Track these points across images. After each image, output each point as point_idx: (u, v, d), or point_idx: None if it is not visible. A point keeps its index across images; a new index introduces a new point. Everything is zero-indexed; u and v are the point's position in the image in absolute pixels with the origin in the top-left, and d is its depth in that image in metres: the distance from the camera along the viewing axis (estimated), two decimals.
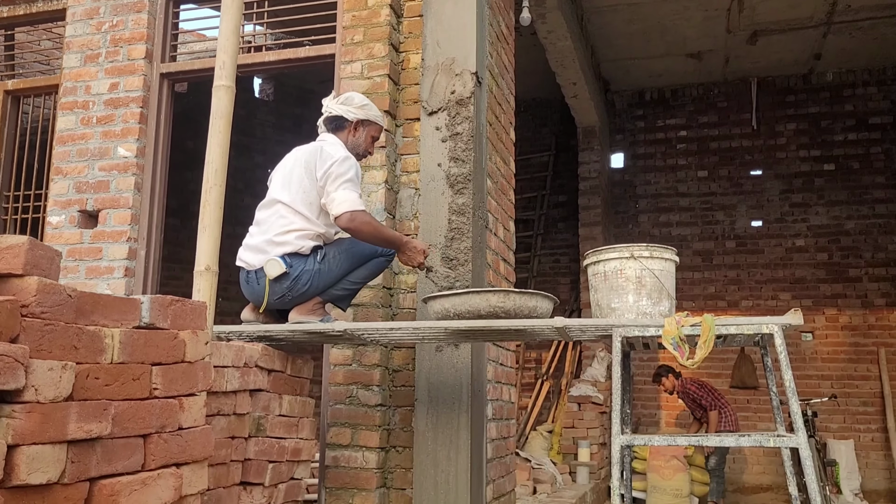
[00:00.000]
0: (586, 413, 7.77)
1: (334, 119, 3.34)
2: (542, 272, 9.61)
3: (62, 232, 4.43)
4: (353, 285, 3.24)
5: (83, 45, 4.64)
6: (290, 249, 3.09)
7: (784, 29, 8.03)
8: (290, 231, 3.10)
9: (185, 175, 7.11)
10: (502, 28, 4.70)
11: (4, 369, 1.47)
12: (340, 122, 3.33)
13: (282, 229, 3.11)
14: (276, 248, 3.10)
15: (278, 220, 3.13)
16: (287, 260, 3.07)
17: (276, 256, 3.08)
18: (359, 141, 3.34)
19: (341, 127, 3.34)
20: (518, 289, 3.06)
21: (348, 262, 3.17)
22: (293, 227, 3.11)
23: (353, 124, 3.32)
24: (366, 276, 3.26)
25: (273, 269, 3.06)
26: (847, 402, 8.45)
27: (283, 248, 3.09)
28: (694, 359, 2.62)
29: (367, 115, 3.34)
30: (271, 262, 3.06)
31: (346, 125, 3.33)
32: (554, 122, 9.85)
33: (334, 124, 3.35)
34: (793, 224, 9.00)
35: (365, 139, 3.36)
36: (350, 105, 3.32)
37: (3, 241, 1.61)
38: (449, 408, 3.63)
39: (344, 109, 3.31)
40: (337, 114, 3.32)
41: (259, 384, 2.83)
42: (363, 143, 3.36)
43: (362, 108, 3.33)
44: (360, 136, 3.34)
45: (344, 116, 3.31)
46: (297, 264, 3.08)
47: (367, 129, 3.36)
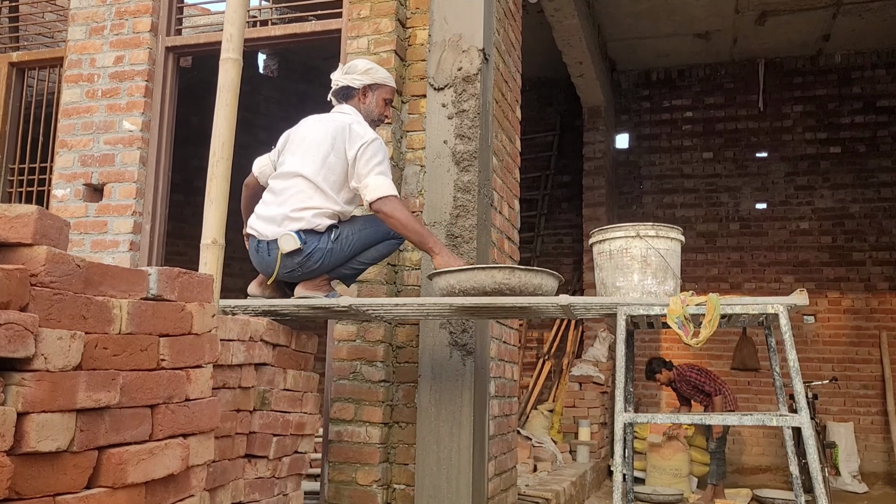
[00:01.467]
0: (587, 393, 7.80)
1: (342, 90, 3.32)
2: (546, 252, 9.61)
3: (67, 205, 4.43)
4: (362, 265, 3.24)
5: (88, 17, 4.61)
6: (305, 226, 3.06)
7: (793, 9, 7.97)
8: (307, 208, 3.07)
9: (188, 151, 7.10)
10: (510, 5, 4.66)
11: (14, 337, 1.47)
12: (349, 91, 3.31)
13: (300, 205, 3.08)
14: (292, 224, 3.07)
15: (297, 195, 3.10)
16: (302, 236, 3.05)
17: (291, 231, 3.06)
18: (370, 107, 3.31)
19: (350, 96, 3.31)
20: (524, 266, 3.06)
21: (361, 243, 3.16)
22: (311, 203, 3.08)
23: (360, 91, 3.30)
24: (375, 258, 3.25)
25: (287, 243, 3.04)
26: (847, 385, 8.48)
27: (299, 223, 3.07)
28: (698, 338, 2.62)
29: (372, 78, 3.30)
30: (286, 237, 3.04)
31: (355, 93, 3.31)
32: (559, 102, 9.80)
33: (343, 94, 3.32)
34: (797, 207, 8.98)
35: (377, 104, 3.33)
36: (354, 73, 3.30)
37: (13, 211, 1.61)
38: (452, 384, 3.64)
39: (349, 78, 3.29)
40: (344, 84, 3.30)
41: (264, 358, 2.84)
42: (375, 107, 3.32)
43: (367, 72, 3.30)
44: (371, 101, 3.31)
45: (350, 85, 3.29)
46: (311, 241, 3.06)
47: (377, 92, 3.32)
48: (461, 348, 3.67)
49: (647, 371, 7.55)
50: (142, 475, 1.79)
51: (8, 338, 1.46)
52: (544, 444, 6.99)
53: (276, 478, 2.89)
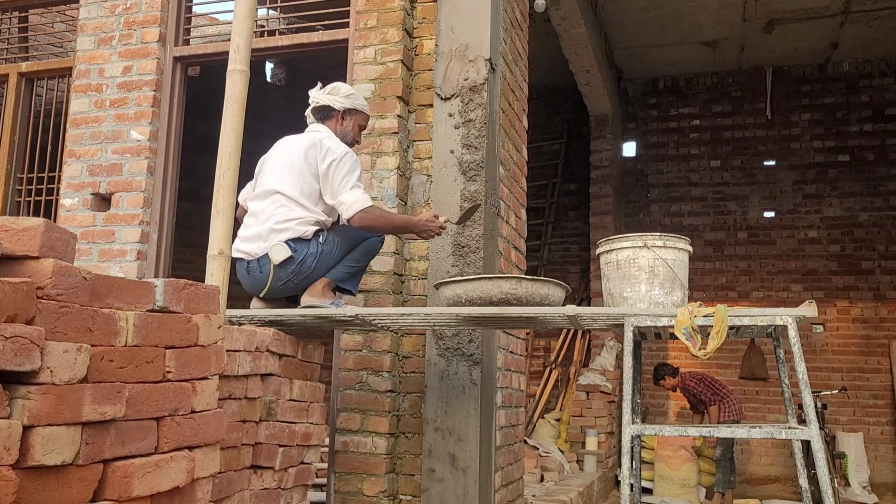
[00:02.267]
0: (594, 402, 7.77)
1: (321, 109, 3.36)
2: (553, 261, 9.59)
3: (75, 214, 4.44)
4: (355, 264, 3.27)
5: (97, 27, 4.64)
6: (292, 235, 3.12)
7: (801, 18, 7.95)
8: (290, 219, 3.13)
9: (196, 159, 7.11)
10: (516, 14, 4.67)
11: (20, 351, 1.48)
12: (328, 111, 3.35)
13: (283, 217, 3.14)
14: (279, 235, 3.12)
15: (278, 209, 3.15)
16: (291, 245, 3.11)
17: (280, 241, 3.10)
18: (346, 130, 3.37)
19: (329, 116, 3.36)
20: (530, 276, 3.05)
21: (346, 243, 3.23)
22: (293, 215, 3.14)
23: (339, 113, 3.34)
24: (363, 255, 3.29)
25: (278, 253, 3.08)
26: (857, 395, 8.42)
27: (286, 234, 3.12)
28: (706, 349, 2.61)
29: (353, 103, 3.35)
30: (276, 248, 3.09)
31: (334, 114, 3.35)
32: (566, 110, 9.79)
33: (322, 114, 3.37)
34: (806, 215, 8.94)
35: (353, 128, 3.38)
36: (337, 95, 3.34)
37: (20, 223, 1.62)
38: (458, 395, 3.63)
39: (331, 99, 3.33)
40: (324, 103, 3.34)
41: (270, 368, 2.84)
42: (351, 132, 3.38)
43: (348, 97, 3.35)
44: (348, 125, 3.37)
45: (331, 106, 3.33)
46: (300, 248, 3.12)
47: (355, 118, 3.38)
48: (468, 358, 3.66)
49: (654, 376, 7.58)
50: (147, 488, 1.79)
51: (14, 351, 1.47)
52: (551, 453, 6.96)
53: (282, 489, 2.89)
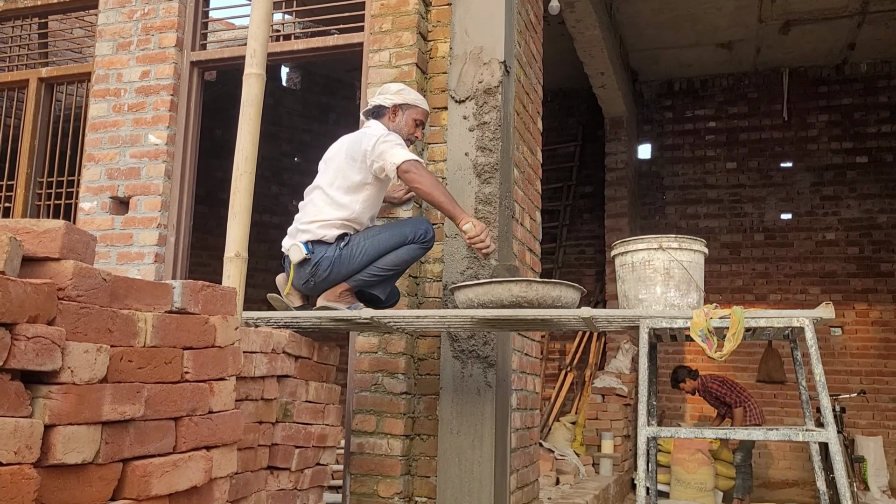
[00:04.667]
0: (610, 405, 7.75)
1: (375, 109, 3.45)
2: (568, 263, 9.57)
3: (94, 218, 4.49)
4: (383, 272, 3.23)
5: (115, 33, 4.69)
6: (311, 237, 3.19)
7: (817, 18, 7.90)
8: (314, 221, 3.20)
9: (212, 163, 7.18)
10: (531, 17, 4.67)
11: (42, 351, 1.50)
12: (380, 110, 3.44)
13: (308, 218, 3.23)
14: (301, 235, 3.22)
15: (310, 208, 3.26)
16: (309, 246, 3.17)
17: (299, 242, 3.19)
18: (400, 125, 3.40)
19: (381, 114, 3.44)
20: (541, 279, 3.05)
21: (374, 249, 3.19)
22: (319, 217, 3.20)
23: (390, 110, 3.41)
24: (396, 263, 3.23)
25: (295, 254, 3.18)
26: (876, 399, 8.34)
27: (306, 235, 3.21)
28: (722, 351, 2.60)
29: (404, 98, 3.42)
30: (294, 248, 3.19)
31: (385, 112, 3.42)
32: (581, 112, 9.78)
33: (376, 114, 3.45)
34: (823, 217, 8.87)
35: (406, 122, 3.42)
36: (386, 93, 3.43)
37: (41, 226, 1.64)
38: (473, 397, 3.64)
39: (381, 98, 3.43)
40: (376, 104, 3.43)
41: (286, 370, 2.86)
42: (405, 126, 3.41)
43: (398, 93, 3.43)
44: (401, 119, 3.41)
45: (382, 104, 3.41)
46: (318, 251, 3.17)
47: (407, 112, 3.42)
48: (483, 360, 3.66)
49: (673, 379, 7.52)
50: (165, 487, 1.80)
51: (36, 351, 1.49)
52: (567, 456, 6.94)
53: (298, 490, 2.90)
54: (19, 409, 1.47)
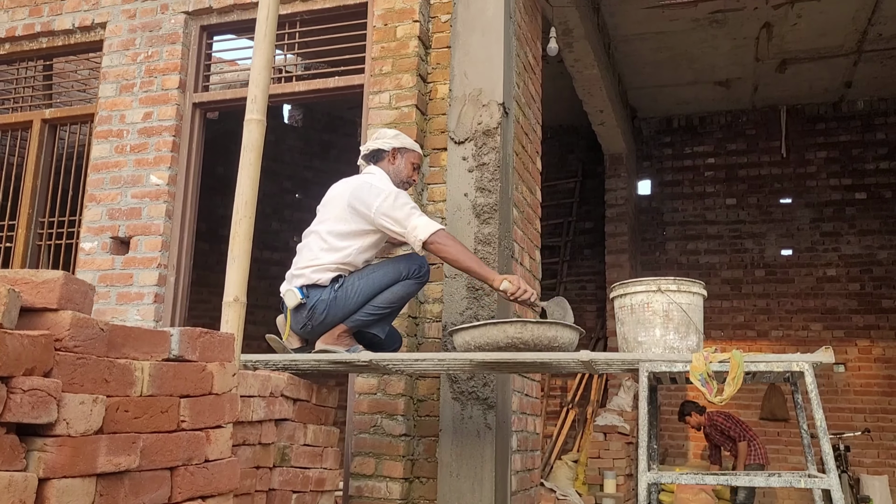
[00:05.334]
0: (612, 443, 7.68)
1: (373, 153, 3.46)
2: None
3: (94, 258, 4.51)
4: (380, 310, 3.22)
5: (119, 75, 4.75)
6: (305, 282, 3.19)
7: (813, 57, 7.99)
8: (308, 266, 3.20)
9: (214, 200, 7.22)
10: (529, 58, 4.73)
11: (38, 403, 1.49)
12: (378, 154, 3.45)
13: (303, 262, 3.23)
14: (296, 280, 3.23)
15: (306, 253, 3.26)
16: (304, 291, 3.18)
17: (293, 287, 3.19)
18: (399, 168, 3.43)
19: (380, 158, 3.45)
20: (536, 319, 3.05)
21: (369, 288, 3.19)
22: (314, 261, 3.20)
23: (390, 153, 3.43)
24: (392, 300, 3.22)
25: (290, 299, 3.19)
26: (881, 437, 8.26)
27: (300, 280, 3.21)
28: (722, 396, 2.58)
29: (402, 143, 3.45)
30: (289, 293, 3.20)
31: (385, 155, 3.43)
32: (581, 149, 9.85)
33: (374, 158, 3.46)
34: (824, 253, 8.88)
35: (405, 166, 3.45)
36: (384, 137, 3.46)
37: (40, 276, 1.65)
38: (473, 439, 3.61)
39: (380, 143, 3.44)
40: (374, 148, 3.44)
41: (284, 413, 2.84)
42: (404, 169, 3.44)
43: (396, 137, 3.46)
44: (400, 163, 3.43)
45: (381, 148, 3.43)
46: (313, 295, 3.17)
47: (406, 155, 3.45)
48: (482, 402, 3.64)
49: (679, 412, 7.51)
50: None
51: (32, 404, 1.48)
52: (569, 496, 6.87)
53: None
54: (14, 463, 1.46)
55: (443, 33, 4.21)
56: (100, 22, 4.87)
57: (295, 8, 4.46)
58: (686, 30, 7.43)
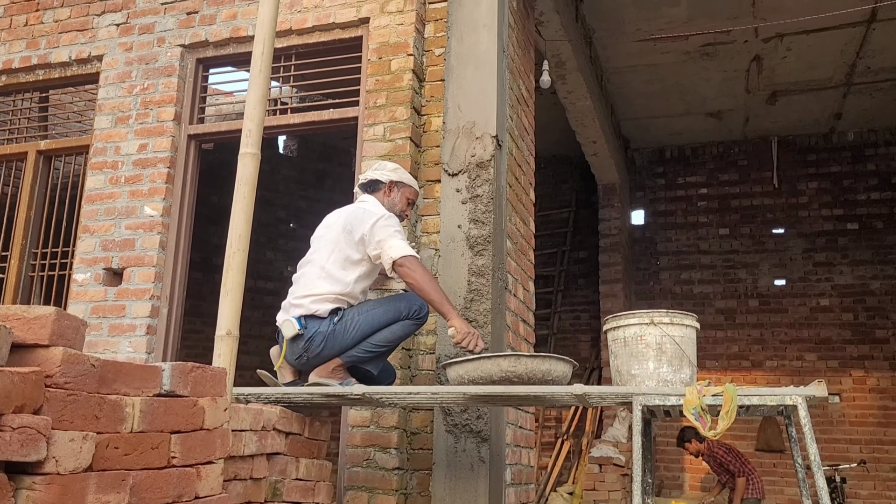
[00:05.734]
0: (608, 475, 7.62)
1: (370, 183, 3.49)
2: (563, 329, 9.55)
3: (87, 289, 4.49)
4: (377, 348, 3.22)
5: (114, 107, 4.77)
6: (304, 312, 3.18)
7: (803, 89, 8.09)
8: (307, 295, 3.20)
9: (208, 229, 7.22)
10: (522, 91, 4.78)
11: (27, 441, 1.48)
12: (375, 184, 3.48)
13: (302, 292, 3.22)
14: (294, 310, 3.21)
15: (303, 282, 3.25)
16: (302, 321, 3.15)
17: (291, 317, 3.16)
18: (395, 201, 3.46)
19: (377, 189, 3.47)
20: (529, 353, 3.05)
21: (368, 325, 3.19)
22: (313, 291, 3.19)
23: (387, 185, 3.46)
24: (389, 339, 3.24)
25: (287, 329, 3.17)
26: (877, 468, 8.22)
27: (299, 310, 3.20)
28: (716, 430, 2.58)
29: (400, 177, 3.49)
30: (286, 323, 3.18)
31: (381, 187, 3.46)
32: (574, 179, 9.90)
33: (370, 188, 3.49)
34: (817, 283, 8.90)
35: (400, 200, 3.48)
36: (383, 169, 3.50)
37: (31, 312, 1.64)
38: (467, 473, 3.58)
39: (377, 174, 3.47)
40: (372, 178, 3.47)
41: (276, 447, 2.82)
42: (399, 203, 3.48)
43: (395, 171, 3.50)
44: (396, 196, 3.47)
45: (379, 179, 3.45)
46: (311, 326, 3.16)
47: (402, 190, 3.48)
48: (476, 435, 3.62)
49: (679, 438, 7.43)
50: None
51: (21, 442, 1.47)
52: None
53: None
54: (2, 502, 1.45)
55: (437, 66, 4.25)
56: (96, 55, 4.90)
57: (290, 41, 4.51)
58: (677, 62, 7.53)
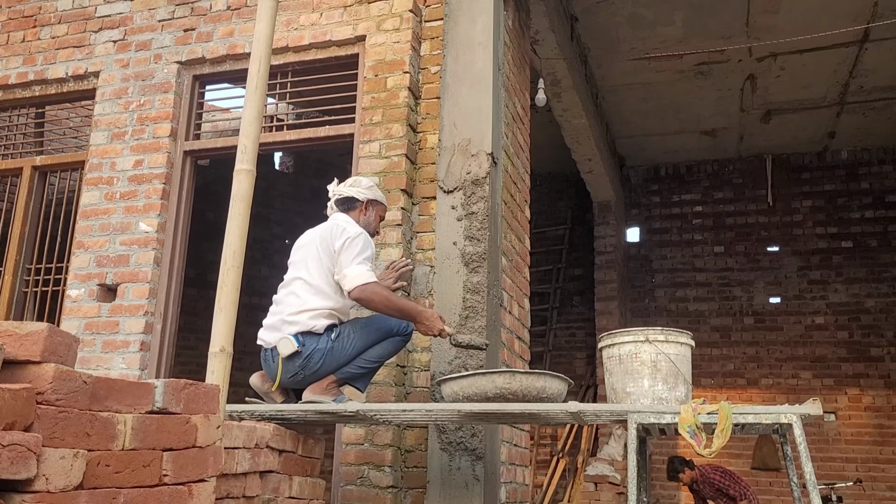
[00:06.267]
0: (603, 493, 7.58)
1: (345, 200, 3.45)
2: (558, 346, 9.53)
3: (81, 305, 4.47)
4: (369, 363, 3.24)
5: (110, 123, 4.78)
6: (301, 329, 3.14)
7: (797, 108, 8.14)
8: (302, 311, 3.16)
9: (203, 245, 7.19)
10: (518, 109, 4.80)
11: (17, 459, 1.47)
12: (351, 202, 3.44)
13: (295, 308, 3.18)
14: (290, 328, 3.16)
15: (294, 300, 3.21)
16: (300, 339, 3.12)
17: (288, 335, 3.12)
18: (370, 219, 3.44)
19: (353, 207, 3.44)
20: (524, 370, 3.04)
21: (362, 341, 3.19)
22: (306, 306, 3.16)
23: (363, 204, 3.44)
24: (381, 356, 3.27)
25: (285, 347, 3.11)
26: (873, 487, 8.19)
27: (295, 327, 3.15)
28: (711, 448, 2.57)
29: (374, 195, 3.47)
30: (284, 341, 3.12)
31: (358, 205, 3.44)
32: (570, 196, 9.93)
33: (345, 205, 3.45)
34: (812, 301, 8.92)
35: (374, 218, 3.48)
36: (359, 186, 3.45)
37: (23, 328, 1.63)
38: (461, 491, 3.56)
39: (355, 191, 3.43)
40: (348, 195, 3.43)
41: (270, 465, 2.80)
42: (373, 221, 3.47)
43: (370, 188, 3.47)
44: (371, 215, 3.45)
45: (355, 197, 3.42)
46: (309, 343, 3.12)
47: (376, 208, 3.48)
48: (471, 453, 3.60)
49: (669, 471, 7.28)
50: None
51: (10, 459, 1.46)
52: None
53: None
54: None
55: (432, 84, 4.27)
56: (93, 71, 4.91)
57: (287, 59, 4.53)
58: (672, 81, 7.58)
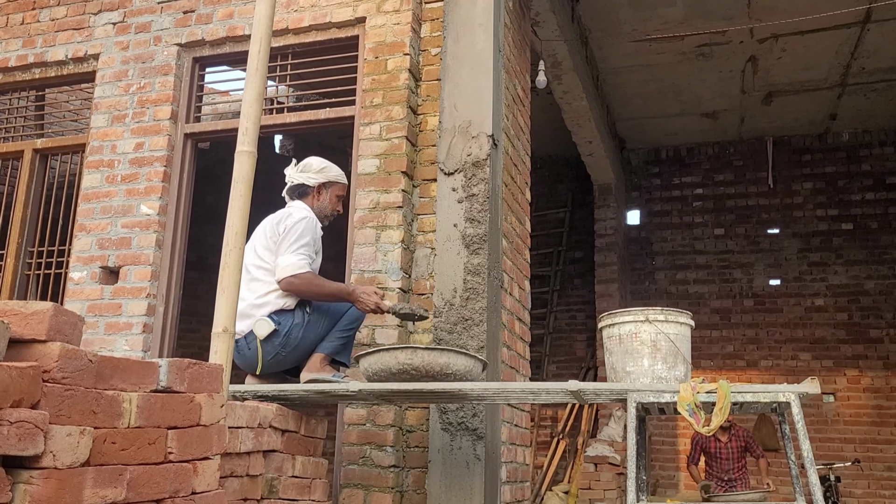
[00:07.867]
0: (603, 474, 7.64)
1: (297, 187, 3.45)
2: (559, 328, 9.57)
3: (83, 287, 4.49)
4: (345, 333, 3.29)
5: (111, 105, 4.78)
6: (273, 308, 3.16)
7: (798, 90, 8.12)
8: (269, 292, 3.18)
9: (204, 229, 7.20)
10: (518, 91, 4.79)
11: (24, 436, 1.49)
12: (304, 188, 3.44)
13: (261, 291, 3.19)
14: (261, 310, 3.16)
15: (257, 285, 3.20)
16: (275, 318, 3.13)
17: (262, 316, 3.13)
18: (324, 203, 3.44)
19: (305, 193, 3.45)
20: (426, 345, 3.08)
21: (335, 309, 3.26)
22: (272, 287, 3.18)
23: (315, 189, 3.43)
24: (353, 321, 3.31)
25: (262, 328, 3.12)
26: (871, 468, 8.25)
27: (267, 308, 3.16)
28: (710, 426, 2.59)
29: (326, 177, 3.43)
30: (259, 322, 3.13)
31: (310, 191, 3.44)
32: (570, 179, 9.93)
33: (298, 191, 3.45)
34: (811, 283, 8.94)
35: (330, 200, 3.46)
36: (309, 171, 3.43)
37: (29, 307, 1.65)
38: (462, 470, 3.59)
39: (304, 177, 3.42)
40: (298, 182, 3.42)
41: (273, 445, 2.83)
42: (329, 205, 3.46)
43: (321, 171, 3.43)
44: (325, 198, 3.45)
45: (306, 183, 3.41)
46: (285, 320, 3.15)
47: (331, 189, 3.46)
48: (471, 433, 3.64)
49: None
50: None
51: (18, 436, 1.48)
52: None
53: None
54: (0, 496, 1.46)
55: (433, 66, 4.26)
56: (93, 53, 4.90)
57: (287, 41, 4.52)
58: (673, 63, 7.55)
